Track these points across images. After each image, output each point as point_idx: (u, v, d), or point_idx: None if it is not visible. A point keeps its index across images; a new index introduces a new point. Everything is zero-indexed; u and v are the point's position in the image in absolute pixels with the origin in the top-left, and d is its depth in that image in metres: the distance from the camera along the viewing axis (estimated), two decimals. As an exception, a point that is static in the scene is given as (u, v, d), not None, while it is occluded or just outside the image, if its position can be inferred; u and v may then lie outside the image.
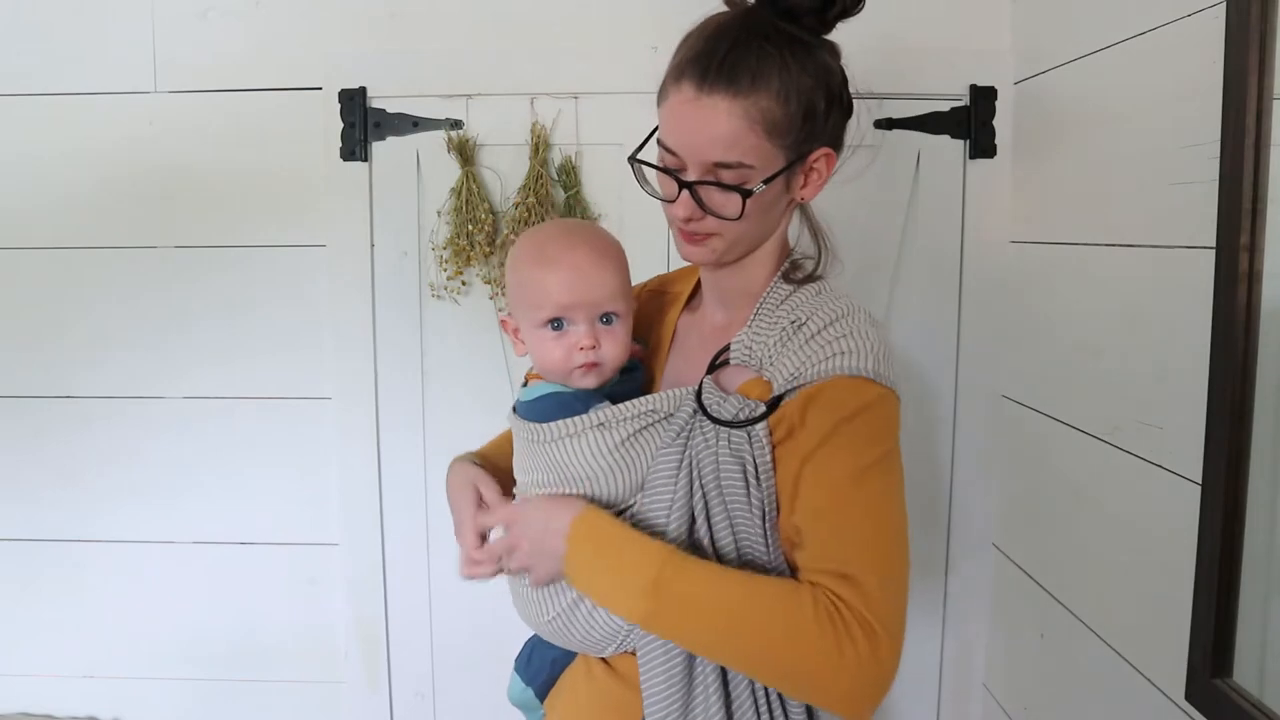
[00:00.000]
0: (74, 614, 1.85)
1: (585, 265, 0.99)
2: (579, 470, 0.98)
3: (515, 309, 1.04)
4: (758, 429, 0.93)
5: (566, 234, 1.04)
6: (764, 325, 0.98)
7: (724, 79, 0.90)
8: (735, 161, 0.92)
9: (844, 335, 0.93)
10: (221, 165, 1.75)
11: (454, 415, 1.78)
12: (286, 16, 1.72)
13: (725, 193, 0.94)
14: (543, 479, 1.01)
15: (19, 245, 1.78)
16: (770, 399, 0.93)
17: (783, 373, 0.93)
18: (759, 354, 0.97)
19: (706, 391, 0.97)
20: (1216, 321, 1.08)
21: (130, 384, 1.80)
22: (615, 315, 1.01)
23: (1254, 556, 1.06)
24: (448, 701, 1.85)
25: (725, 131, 0.91)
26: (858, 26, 0.98)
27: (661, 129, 0.97)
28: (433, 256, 1.73)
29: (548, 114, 1.70)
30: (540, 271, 1.00)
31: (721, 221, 0.95)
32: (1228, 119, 1.06)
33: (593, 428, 0.97)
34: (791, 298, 1.00)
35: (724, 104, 0.90)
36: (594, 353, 0.99)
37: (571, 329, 0.99)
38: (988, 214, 1.71)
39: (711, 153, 0.92)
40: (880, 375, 0.91)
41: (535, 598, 1.02)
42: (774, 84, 0.91)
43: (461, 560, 1.07)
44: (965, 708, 1.82)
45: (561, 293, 0.98)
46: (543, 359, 1.02)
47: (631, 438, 0.97)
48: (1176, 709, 1.18)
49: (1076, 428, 1.45)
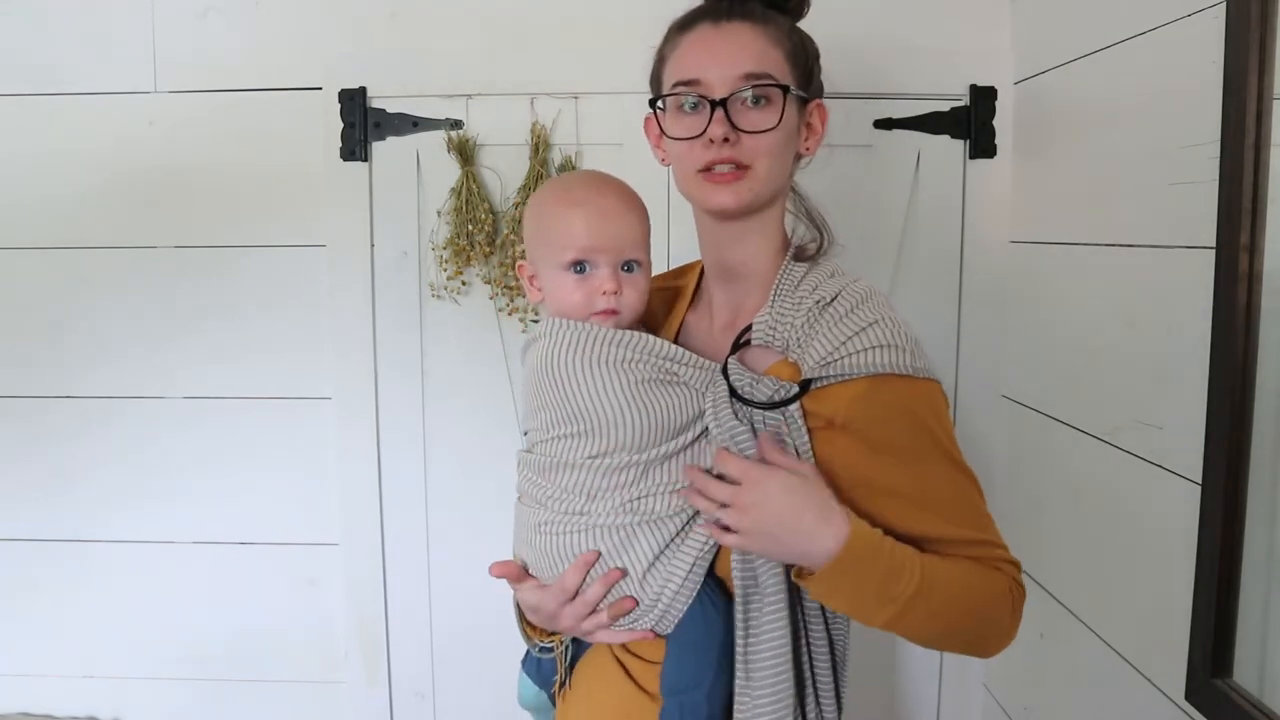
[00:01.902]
0: (74, 614, 1.85)
1: (612, 209, 0.99)
2: (588, 406, 0.94)
3: (536, 251, 1.02)
4: (793, 410, 0.92)
5: (594, 179, 1.03)
6: (786, 306, 0.97)
7: (738, 13, 0.97)
8: (763, 71, 0.95)
9: (874, 323, 0.92)
10: (221, 165, 1.75)
11: (454, 415, 1.78)
12: (286, 16, 1.72)
13: (757, 110, 0.95)
14: (551, 418, 0.97)
15: (19, 245, 1.78)
16: (802, 380, 0.92)
17: (814, 355, 0.92)
18: (784, 335, 0.96)
19: (734, 373, 0.95)
20: (1216, 321, 1.08)
21: (130, 384, 1.80)
22: (637, 264, 1.00)
23: (1254, 556, 1.06)
24: (447, 701, 1.85)
25: (751, 47, 0.95)
26: (859, 26, 0.99)
27: (676, 67, 0.98)
28: (433, 256, 1.73)
29: (548, 114, 1.70)
30: (567, 212, 0.99)
31: (755, 147, 0.95)
32: (1228, 119, 1.06)
33: (607, 363, 0.95)
34: (808, 277, 0.99)
35: (745, 26, 0.96)
36: (616, 298, 0.98)
37: (594, 273, 0.98)
38: (988, 214, 1.71)
39: (741, 64, 0.95)
40: (918, 369, 0.92)
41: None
42: (781, 23, 0.99)
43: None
44: (965, 708, 1.82)
45: (588, 234, 0.97)
46: (562, 301, 0.99)
47: (648, 383, 0.95)
48: (1176, 709, 1.18)
49: (1076, 428, 1.45)
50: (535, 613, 1.02)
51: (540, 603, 1.00)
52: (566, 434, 0.96)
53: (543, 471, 1.00)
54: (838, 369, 0.91)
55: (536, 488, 1.00)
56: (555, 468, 0.98)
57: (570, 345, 0.96)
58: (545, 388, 0.97)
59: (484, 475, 1.75)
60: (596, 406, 0.94)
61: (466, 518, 1.79)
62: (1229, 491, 1.06)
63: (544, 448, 0.99)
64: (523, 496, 1.04)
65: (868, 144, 1.70)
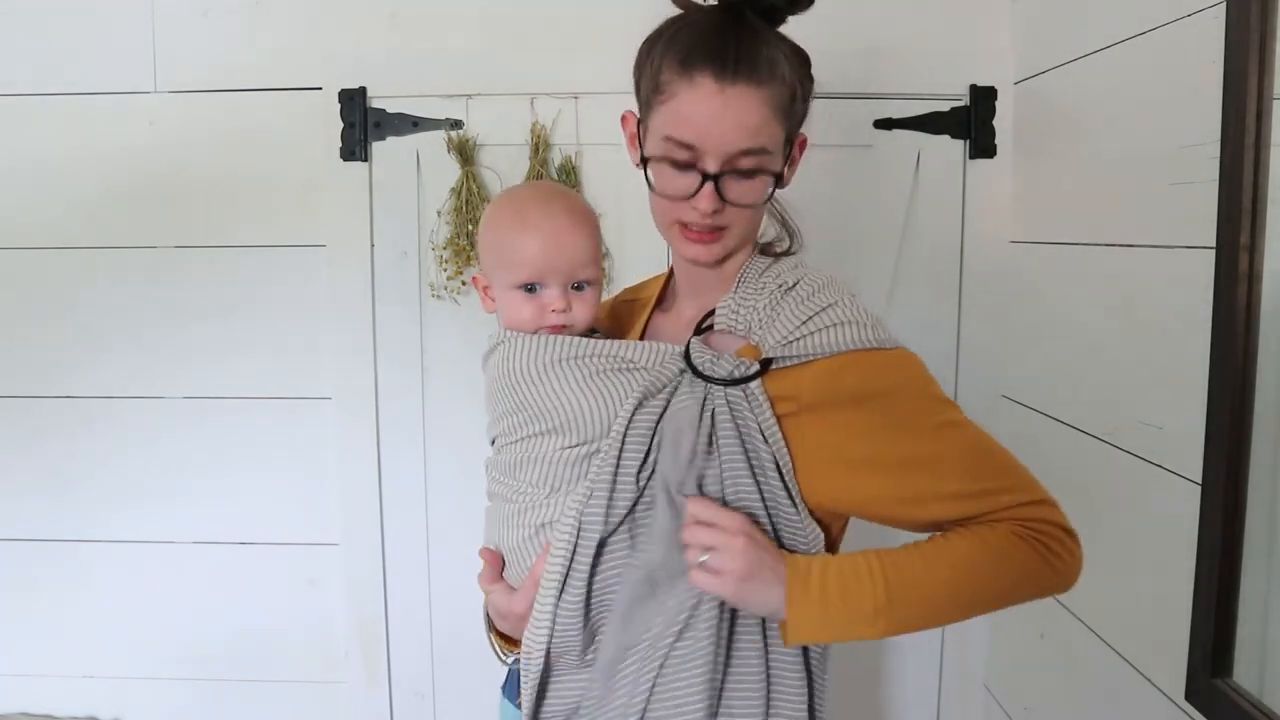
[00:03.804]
0: (74, 614, 1.85)
1: (561, 232, 1.01)
2: (547, 403, 0.97)
3: (489, 268, 1.06)
4: (754, 388, 0.93)
5: (546, 199, 1.05)
6: (750, 291, 0.98)
7: (744, 70, 0.91)
8: (759, 147, 0.93)
9: (834, 303, 0.93)
10: (221, 165, 1.75)
11: (454, 415, 1.78)
12: (286, 16, 1.72)
13: (747, 181, 0.94)
14: (514, 423, 1.00)
15: (19, 245, 1.78)
16: (762, 359, 0.93)
17: (775, 335, 0.93)
18: (746, 318, 0.97)
19: (695, 351, 0.97)
20: (1216, 321, 1.08)
21: (130, 384, 1.80)
22: (587, 283, 1.03)
23: (1254, 556, 1.06)
24: (447, 701, 1.85)
25: (754, 120, 0.92)
26: (859, 27, 0.98)
27: (671, 124, 0.95)
28: (433, 256, 1.73)
29: (548, 114, 1.70)
30: (518, 236, 1.01)
31: (739, 213, 0.95)
32: (1228, 119, 1.06)
33: (561, 360, 0.97)
34: (773, 267, 1.00)
35: (750, 92, 0.91)
36: (565, 315, 1.01)
37: (544, 292, 1.01)
38: (988, 214, 1.71)
39: (738, 141, 0.92)
40: (882, 341, 0.92)
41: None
42: (783, 70, 0.94)
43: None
44: (965, 708, 1.82)
45: (538, 258, 1.00)
46: (513, 318, 1.03)
47: (601, 374, 0.97)
48: (1176, 709, 1.18)
49: (1076, 428, 1.45)
50: (505, 618, 1.03)
51: (510, 605, 1.00)
52: (534, 432, 0.99)
53: (509, 470, 1.02)
54: (799, 348, 0.92)
55: (504, 487, 1.03)
56: (521, 464, 1.00)
57: (525, 350, 0.99)
58: (508, 393, 1.00)
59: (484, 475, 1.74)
60: (558, 402, 0.97)
61: (466, 517, 1.77)
62: (1229, 491, 1.06)
63: (512, 448, 1.02)
64: (492, 498, 1.07)
65: (868, 144, 1.69)
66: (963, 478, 0.92)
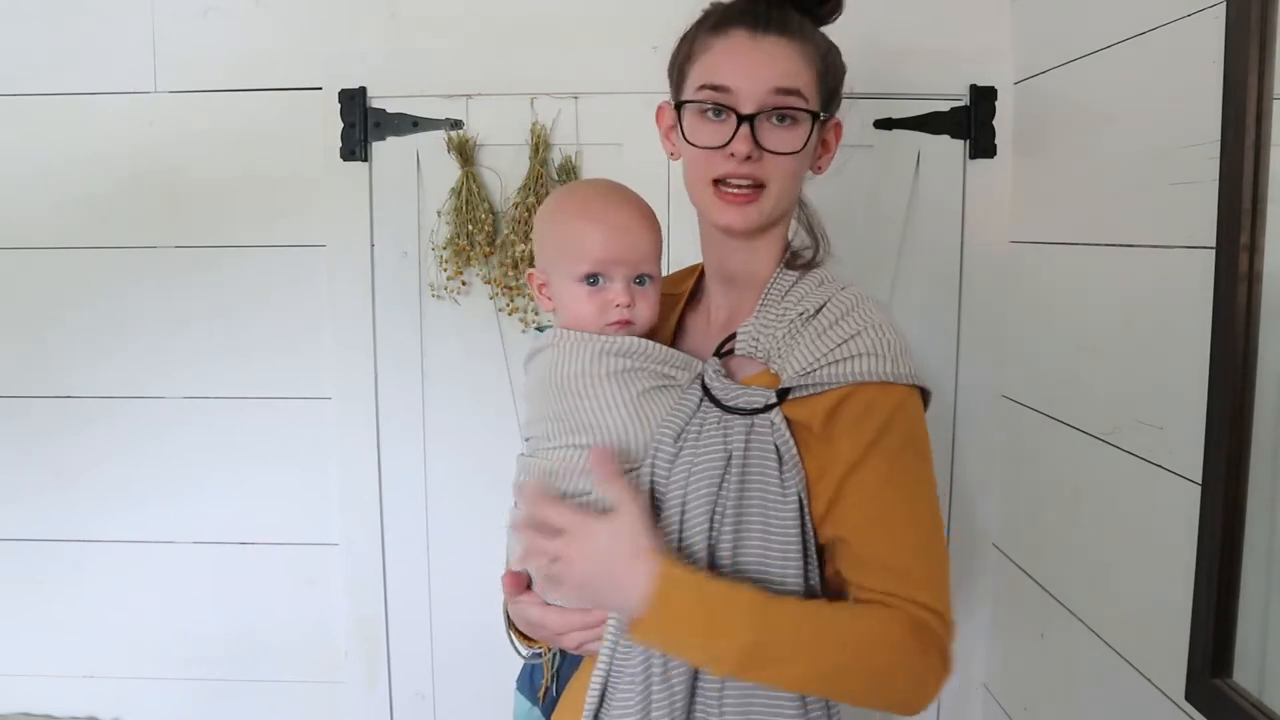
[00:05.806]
0: (74, 614, 1.85)
1: (627, 223, 0.99)
2: (592, 419, 0.95)
3: (549, 261, 1.03)
4: (776, 418, 0.92)
5: (609, 191, 1.04)
6: (770, 316, 0.98)
7: (776, 26, 0.94)
8: (795, 88, 0.94)
9: (857, 333, 0.92)
10: (221, 165, 1.75)
11: (454, 415, 1.78)
12: (286, 16, 1.72)
13: (785, 127, 0.95)
14: (554, 430, 0.98)
15: (19, 245, 1.78)
16: (779, 389, 0.93)
17: (793, 366, 0.93)
18: (766, 345, 0.97)
19: (710, 378, 0.96)
20: (1216, 321, 1.08)
21: (130, 384, 1.80)
22: (649, 277, 1.01)
23: (1254, 556, 1.06)
24: (447, 701, 1.85)
25: (786, 64, 0.94)
26: (859, 27, 0.98)
27: (706, 70, 0.96)
28: (433, 256, 1.73)
29: (548, 114, 1.70)
30: (583, 225, 0.99)
31: (775, 165, 0.95)
32: (1228, 119, 1.06)
33: (612, 374, 0.96)
34: (796, 286, 0.99)
35: (782, 42, 0.94)
36: (629, 310, 0.99)
37: (608, 286, 0.99)
38: (988, 214, 1.71)
39: (773, 78, 0.93)
40: (899, 375, 0.91)
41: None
42: (814, 36, 0.97)
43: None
44: (965, 708, 1.82)
45: (604, 248, 0.98)
46: (575, 313, 1.00)
47: (648, 392, 0.96)
48: (1176, 709, 1.18)
49: (1076, 428, 1.45)
50: (536, 629, 1.01)
51: (542, 620, 0.99)
52: (575, 444, 0.97)
53: (545, 477, 0.99)
54: (817, 378, 0.92)
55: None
56: (559, 474, 0.98)
57: (579, 359, 0.96)
58: (552, 399, 0.98)
59: (484, 475, 1.75)
60: (604, 420, 0.95)
61: (467, 518, 1.79)
62: (1229, 491, 1.06)
63: (548, 455, 1.00)
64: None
65: (868, 144, 1.69)
66: (905, 554, 0.90)
